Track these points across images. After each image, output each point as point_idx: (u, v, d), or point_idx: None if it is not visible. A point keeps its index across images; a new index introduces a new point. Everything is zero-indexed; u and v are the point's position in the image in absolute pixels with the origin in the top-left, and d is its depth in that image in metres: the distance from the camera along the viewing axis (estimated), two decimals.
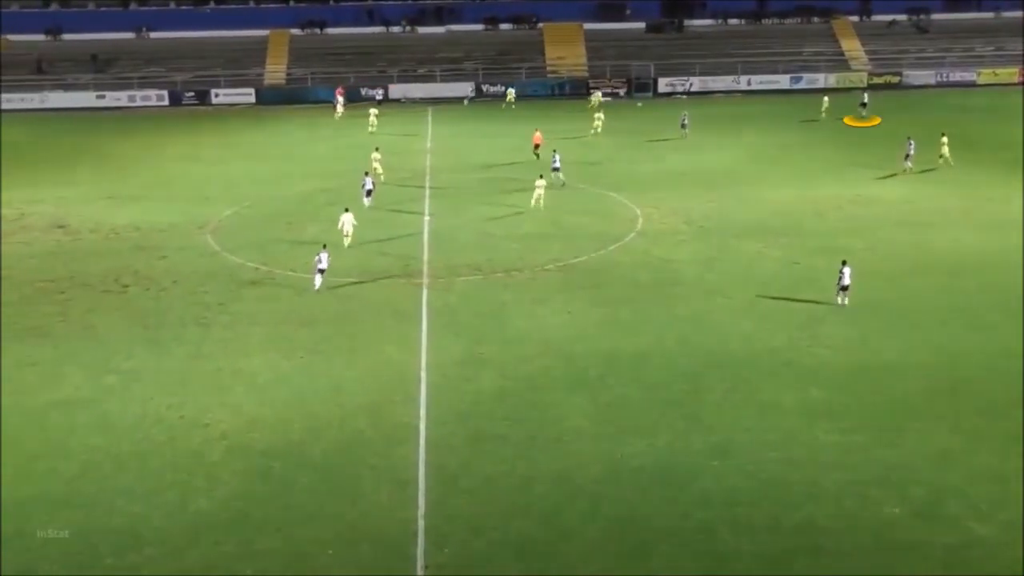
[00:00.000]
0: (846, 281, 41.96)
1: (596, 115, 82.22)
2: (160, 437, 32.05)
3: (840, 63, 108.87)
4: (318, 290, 44.68)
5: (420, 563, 25.52)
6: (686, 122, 79.79)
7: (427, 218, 56.84)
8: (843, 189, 61.32)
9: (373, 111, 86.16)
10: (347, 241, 50.04)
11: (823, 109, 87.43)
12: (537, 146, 69.36)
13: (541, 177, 57.59)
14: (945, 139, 66.50)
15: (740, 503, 27.84)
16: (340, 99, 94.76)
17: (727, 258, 48.86)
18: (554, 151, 65.73)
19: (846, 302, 42.05)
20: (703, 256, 49.17)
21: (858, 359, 36.92)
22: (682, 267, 47.64)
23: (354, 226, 50.41)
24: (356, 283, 45.96)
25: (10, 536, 26.83)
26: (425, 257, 49.70)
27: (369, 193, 58.27)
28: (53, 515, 27.73)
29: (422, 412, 33.40)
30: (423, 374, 36.34)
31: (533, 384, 35.47)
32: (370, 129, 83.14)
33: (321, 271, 44.95)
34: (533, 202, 56.66)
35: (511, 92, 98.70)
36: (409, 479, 29.37)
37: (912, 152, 64.88)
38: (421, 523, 27.16)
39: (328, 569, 25.51)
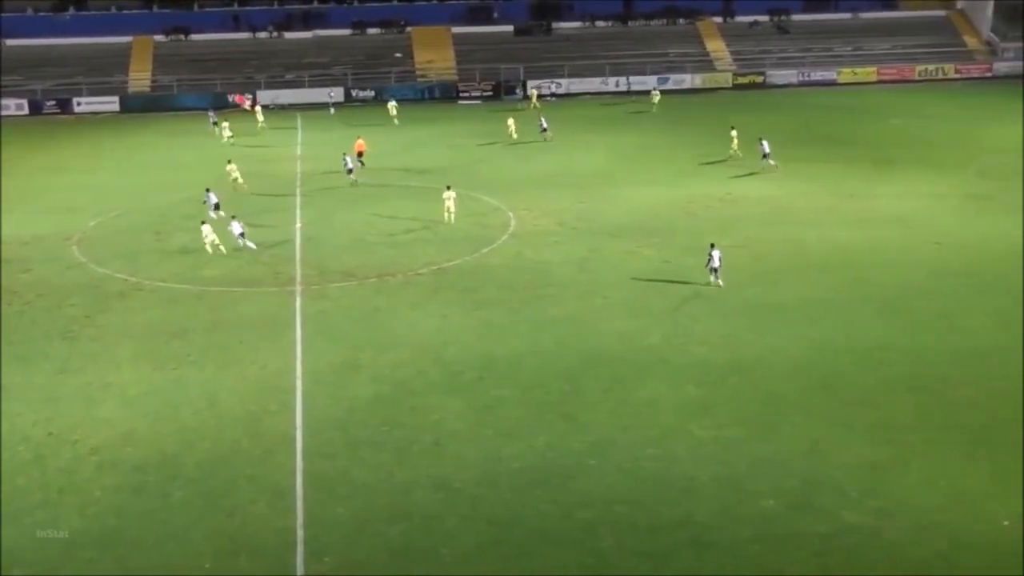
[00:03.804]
0: (715, 263, 43.36)
1: (509, 120, 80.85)
2: (27, 455, 31.20)
3: (706, 64, 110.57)
4: (254, 248, 49.97)
5: (300, 572, 25.27)
6: (545, 125, 79.89)
7: (298, 225, 56.22)
8: (712, 188, 62.20)
9: (225, 123, 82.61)
10: (211, 250, 49.67)
11: (654, 103, 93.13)
12: (360, 154, 68.75)
13: (449, 188, 56.39)
14: (734, 132, 69.33)
15: (620, 501, 28.06)
16: (256, 106, 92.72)
17: (600, 258, 49.24)
18: (344, 154, 66.71)
19: (720, 283, 43.09)
20: (576, 257, 49.47)
21: (732, 355, 37.50)
22: (555, 268, 47.87)
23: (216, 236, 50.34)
24: (227, 292, 45.31)
25: None
26: (297, 264, 49.19)
27: (217, 207, 56.14)
28: None
29: (298, 420, 33.06)
30: (298, 382, 35.97)
31: (409, 389, 35.34)
32: (228, 138, 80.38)
33: (242, 234, 49.77)
34: (446, 216, 55.10)
35: (392, 105, 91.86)
36: (286, 488, 29.05)
37: (768, 151, 65.91)
38: (300, 532, 26.90)
39: None
